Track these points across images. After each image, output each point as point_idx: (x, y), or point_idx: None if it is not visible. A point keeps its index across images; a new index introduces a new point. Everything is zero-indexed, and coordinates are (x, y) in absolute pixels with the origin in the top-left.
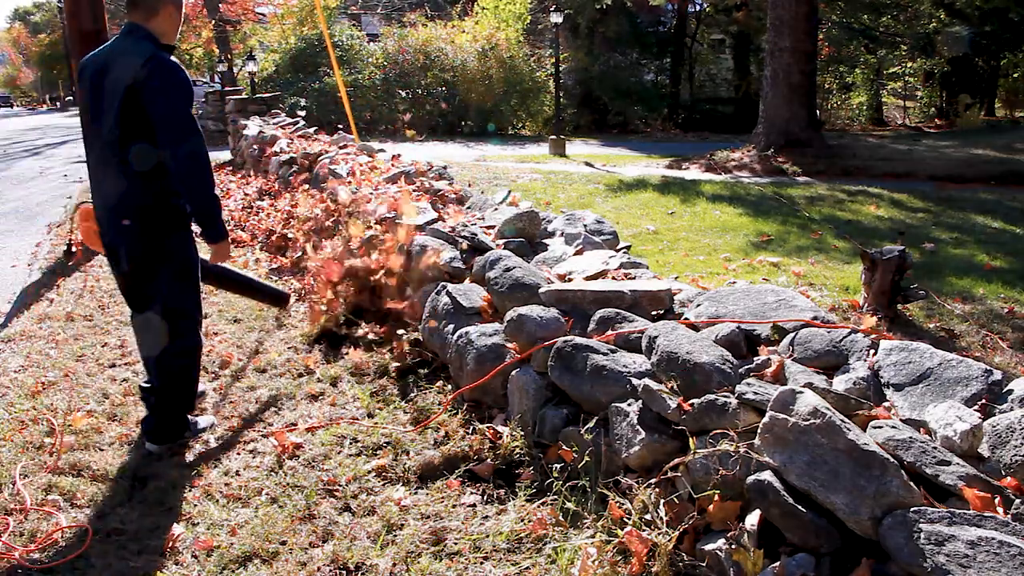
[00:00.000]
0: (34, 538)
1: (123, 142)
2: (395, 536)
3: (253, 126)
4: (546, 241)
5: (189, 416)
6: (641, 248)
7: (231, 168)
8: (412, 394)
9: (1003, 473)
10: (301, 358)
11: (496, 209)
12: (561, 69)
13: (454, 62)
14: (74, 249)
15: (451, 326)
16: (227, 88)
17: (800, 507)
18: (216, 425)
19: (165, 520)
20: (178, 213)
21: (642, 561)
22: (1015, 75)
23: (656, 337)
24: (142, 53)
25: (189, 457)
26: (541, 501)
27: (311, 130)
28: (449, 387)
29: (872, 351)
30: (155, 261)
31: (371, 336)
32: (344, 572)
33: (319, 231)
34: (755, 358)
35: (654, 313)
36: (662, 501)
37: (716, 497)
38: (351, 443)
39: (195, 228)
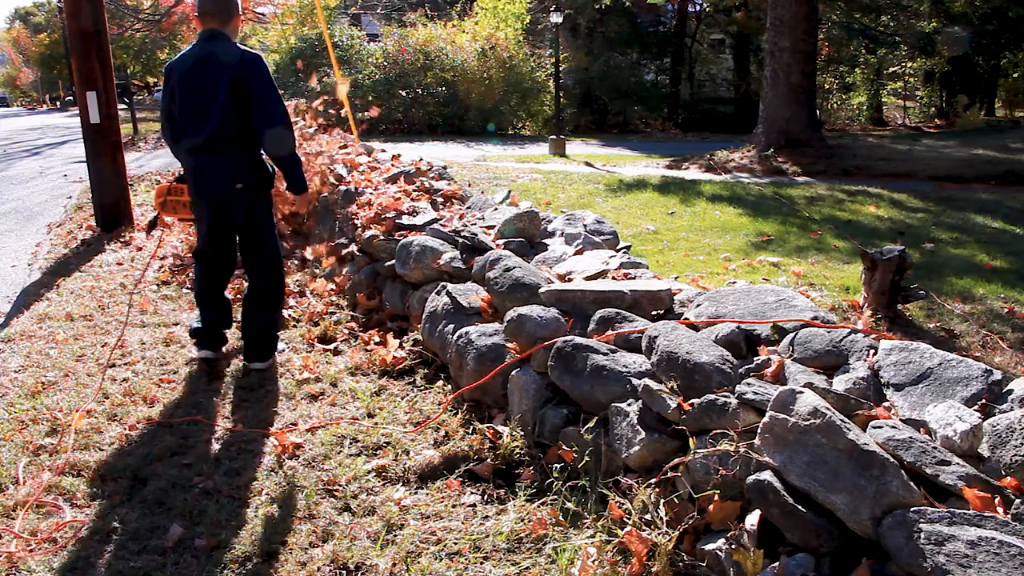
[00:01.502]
0: (35, 536)
1: (231, 123)
2: (395, 536)
3: None
4: (546, 241)
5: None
6: (641, 248)
7: None
8: (412, 394)
9: (1003, 473)
10: (301, 358)
11: (496, 209)
12: (561, 69)
13: (454, 62)
14: (158, 224)
15: (451, 326)
16: None
17: (800, 507)
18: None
19: (165, 520)
20: (270, 175)
21: (642, 561)
22: (1015, 75)
23: (656, 337)
24: (234, 51)
25: (189, 457)
26: (541, 501)
27: (311, 130)
28: (449, 387)
29: (872, 351)
30: (260, 212)
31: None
32: (344, 572)
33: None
34: (755, 358)
35: (654, 313)
36: (662, 501)
37: (716, 497)
38: (351, 443)
39: None
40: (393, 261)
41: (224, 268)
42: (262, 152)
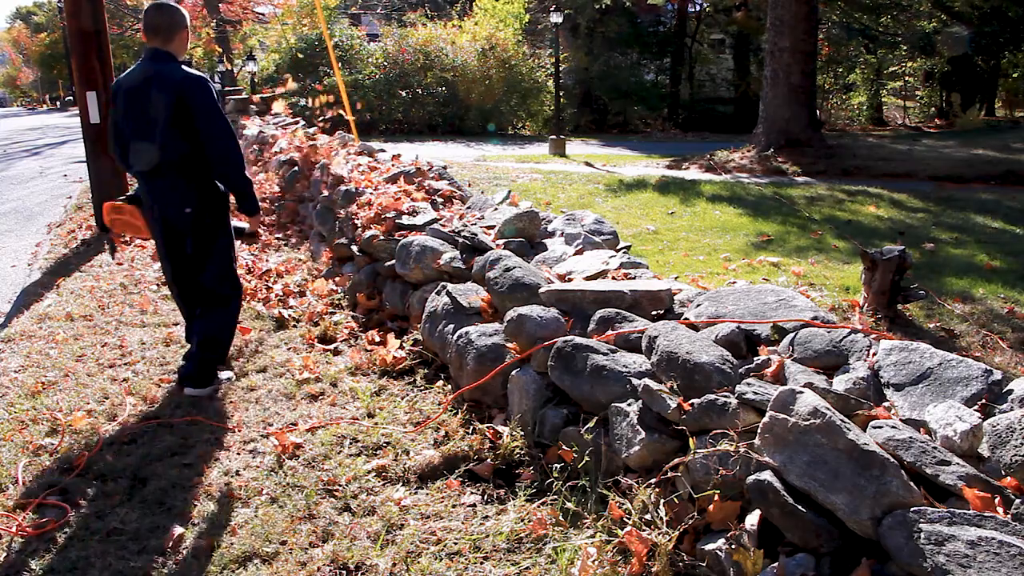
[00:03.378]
0: (35, 535)
1: (177, 146)
2: (395, 536)
3: (253, 126)
4: (546, 241)
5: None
6: (641, 248)
7: None
8: (412, 394)
9: (1003, 473)
10: (301, 358)
11: (496, 209)
12: (561, 69)
13: (454, 62)
14: (116, 244)
15: (451, 326)
16: (227, 88)
17: (800, 507)
18: (233, 379)
19: (165, 520)
20: (221, 197)
21: (642, 561)
22: (1015, 75)
23: (656, 337)
24: (176, 73)
25: (189, 457)
26: (541, 501)
27: (311, 130)
28: (449, 387)
29: (872, 351)
30: (211, 237)
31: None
32: (344, 572)
33: None
34: (755, 358)
35: (654, 313)
36: (662, 501)
37: (716, 497)
38: (351, 443)
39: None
40: (393, 261)
41: (191, 285)
42: (211, 174)
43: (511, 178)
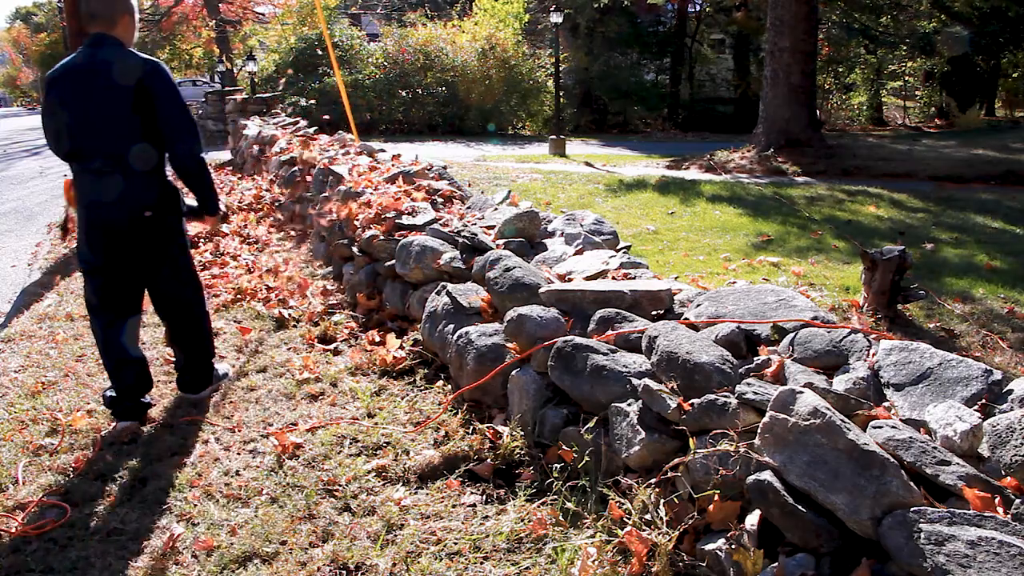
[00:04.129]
0: (35, 535)
1: (133, 139)
2: (395, 536)
3: (253, 126)
4: (546, 241)
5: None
6: (641, 248)
7: (231, 168)
8: (412, 394)
9: (1003, 473)
10: (301, 358)
11: (496, 209)
12: (561, 69)
13: (454, 62)
14: (69, 226)
15: (451, 326)
16: (227, 88)
17: (800, 507)
18: (231, 376)
19: (165, 520)
20: (178, 196)
21: (642, 561)
22: (1015, 75)
23: (656, 337)
24: (131, 58)
25: (189, 457)
26: (541, 501)
27: (311, 130)
28: (449, 387)
29: (872, 351)
30: (170, 239)
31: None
32: (344, 572)
33: None
34: (755, 358)
35: (654, 313)
36: (662, 501)
37: (716, 497)
38: (351, 443)
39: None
40: (393, 261)
41: (130, 311)
42: (167, 170)
43: (511, 178)
